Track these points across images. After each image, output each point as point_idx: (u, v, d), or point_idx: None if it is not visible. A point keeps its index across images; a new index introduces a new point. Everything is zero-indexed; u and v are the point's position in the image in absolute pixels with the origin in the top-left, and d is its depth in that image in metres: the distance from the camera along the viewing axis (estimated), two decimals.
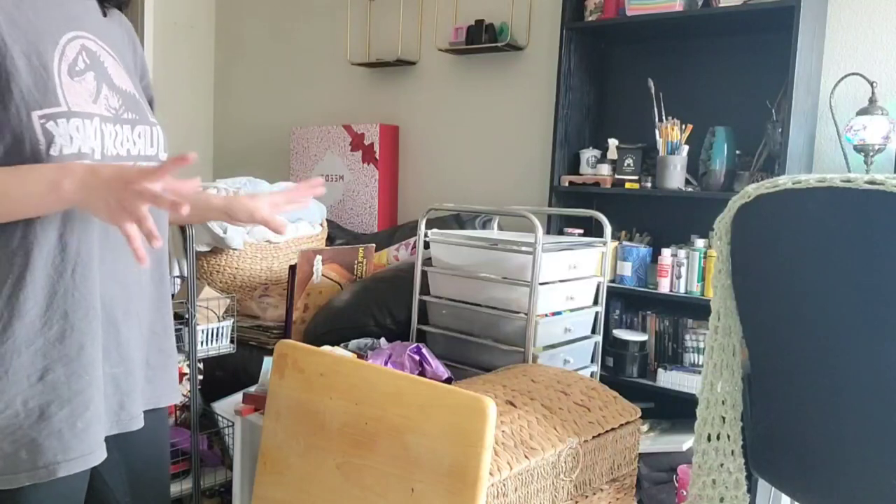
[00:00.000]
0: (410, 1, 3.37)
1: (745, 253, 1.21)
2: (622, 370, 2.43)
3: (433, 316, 2.26)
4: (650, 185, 2.50)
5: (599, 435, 1.55)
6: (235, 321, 2.11)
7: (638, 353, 2.43)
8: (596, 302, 2.28)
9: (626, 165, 2.57)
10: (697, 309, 2.38)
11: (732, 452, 1.29)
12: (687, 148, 2.44)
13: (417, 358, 1.86)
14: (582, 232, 2.56)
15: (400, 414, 1.16)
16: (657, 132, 2.48)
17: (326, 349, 1.70)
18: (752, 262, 1.21)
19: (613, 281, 2.50)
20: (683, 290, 2.38)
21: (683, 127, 2.44)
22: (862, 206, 1.01)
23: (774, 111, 2.36)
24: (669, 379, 2.38)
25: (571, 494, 1.49)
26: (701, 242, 2.39)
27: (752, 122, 2.45)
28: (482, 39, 3.03)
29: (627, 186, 2.53)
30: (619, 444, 1.62)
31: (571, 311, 2.17)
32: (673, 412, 2.38)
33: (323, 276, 2.46)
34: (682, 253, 2.38)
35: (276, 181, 2.83)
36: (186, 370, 2.08)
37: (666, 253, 2.41)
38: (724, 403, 1.30)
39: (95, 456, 0.99)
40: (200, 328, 1.99)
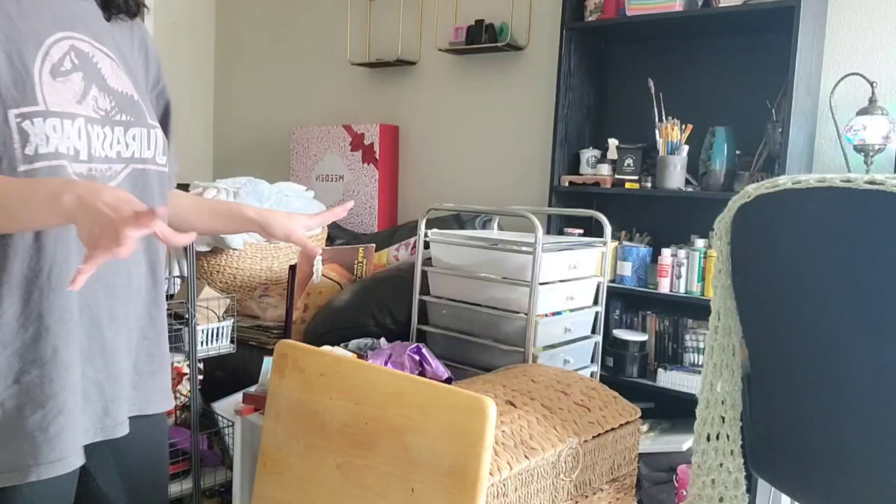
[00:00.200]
0: (410, 1, 3.37)
1: (745, 253, 1.21)
2: (622, 370, 2.43)
3: (433, 316, 2.26)
4: (650, 185, 2.50)
5: (599, 435, 1.55)
6: (235, 321, 2.11)
7: (638, 353, 2.43)
8: (596, 302, 2.28)
9: (626, 165, 2.57)
10: (697, 309, 2.38)
11: (732, 452, 1.29)
12: (687, 148, 2.44)
13: (417, 358, 1.86)
14: (582, 232, 2.56)
15: (400, 414, 1.16)
16: (657, 132, 2.48)
17: (326, 349, 1.70)
18: (752, 262, 1.21)
19: (613, 281, 2.50)
20: (683, 290, 2.38)
21: (683, 127, 2.44)
22: (862, 206, 1.01)
23: (774, 111, 2.36)
24: (669, 379, 2.38)
25: (571, 494, 1.49)
26: (701, 242, 2.39)
27: (752, 122, 2.45)
28: (482, 39, 3.03)
29: (627, 186, 2.53)
30: (619, 444, 1.62)
31: (571, 311, 2.17)
32: (673, 412, 2.38)
33: (323, 276, 2.46)
34: (682, 253, 2.38)
35: (276, 181, 2.83)
36: (186, 370, 2.08)
37: (666, 253, 2.41)
38: (723, 403, 1.30)
39: (68, 462, 0.96)
40: (200, 328, 1.99)
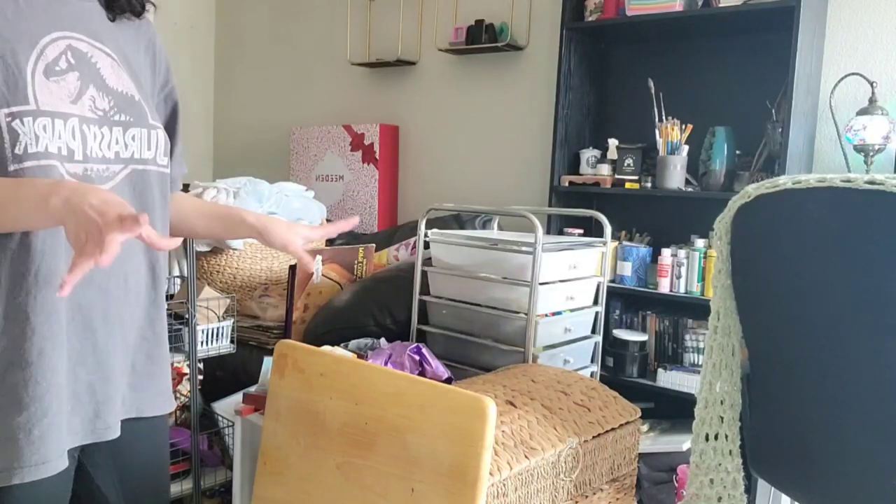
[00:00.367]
0: (410, 1, 3.37)
1: (745, 253, 1.21)
2: (622, 370, 2.43)
3: (433, 316, 2.26)
4: (650, 185, 2.50)
5: (599, 435, 1.55)
6: (235, 321, 2.11)
7: (638, 353, 2.43)
8: (596, 302, 2.28)
9: (626, 165, 2.57)
10: (697, 309, 2.38)
11: (730, 452, 1.29)
12: (687, 148, 2.44)
13: (417, 358, 1.86)
14: (582, 232, 2.56)
15: (400, 414, 1.16)
16: (657, 132, 2.48)
17: (326, 349, 1.70)
18: (752, 262, 1.20)
19: (613, 281, 2.50)
20: (683, 290, 2.38)
21: (683, 127, 2.44)
22: (862, 206, 1.01)
23: (774, 111, 2.36)
24: (669, 379, 2.38)
25: (571, 494, 1.49)
26: (701, 242, 2.39)
27: (752, 122, 2.45)
28: (482, 39, 3.03)
29: (627, 186, 2.53)
30: (619, 444, 1.62)
31: (571, 311, 2.17)
32: (673, 412, 2.38)
33: (323, 276, 2.46)
34: (682, 253, 2.38)
35: (276, 181, 2.83)
36: (186, 370, 2.08)
37: (666, 253, 2.41)
38: (722, 403, 1.30)
39: (51, 466, 0.95)
40: (200, 328, 1.99)
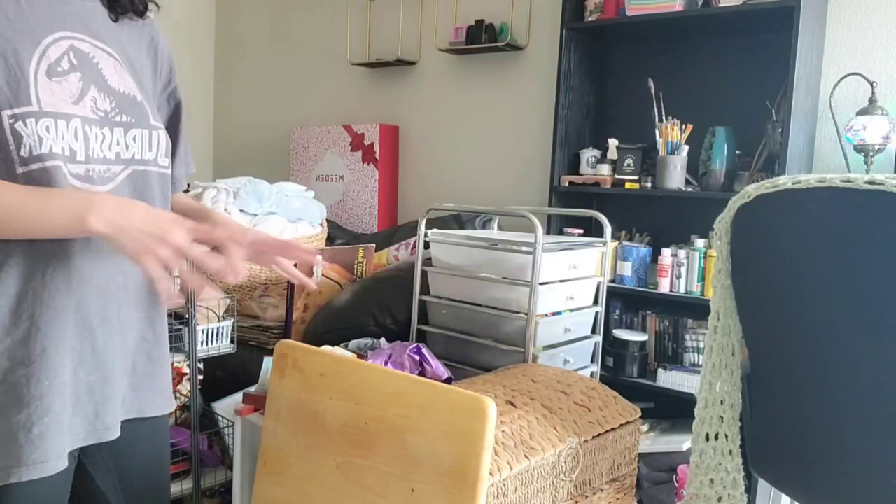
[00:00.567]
0: (410, 1, 3.37)
1: (745, 253, 1.21)
2: (622, 370, 2.43)
3: (433, 316, 2.26)
4: (650, 185, 2.50)
5: (599, 435, 1.55)
6: (235, 321, 2.11)
7: (638, 353, 2.43)
8: (596, 302, 2.28)
9: (626, 165, 2.57)
10: (697, 309, 2.38)
11: (730, 452, 1.29)
12: (687, 148, 2.44)
13: (417, 358, 1.86)
14: (582, 232, 2.56)
15: (400, 414, 1.16)
16: (657, 132, 2.48)
17: (326, 349, 1.70)
18: (752, 262, 1.20)
19: (613, 281, 2.50)
20: (683, 290, 2.38)
21: (683, 127, 2.44)
22: (862, 206, 1.01)
23: (774, 111, 2.36)
24: (669, 379, 2.38)
25: (571, 494, 1.49)
26: (701, 242, 2.39)
27: (752, 122, 2.45)
28: (482, 39, 3.03)
29: (627, 186, 2.53)
30: (619, 444, 1.62)
31: (571, 311, 2.17)
32: (673, 412, 2.38)
33: (323, 276, 2.46)
34: (682, 253, 2.38)
35: (276, 181, 2.82)
36: (186, 370, 2.08)
37: (666, 253, 2.41)
38: (722, 403, 1.30)
39: (51, 465, 0.95)
40: (200, 328, 1.99)
